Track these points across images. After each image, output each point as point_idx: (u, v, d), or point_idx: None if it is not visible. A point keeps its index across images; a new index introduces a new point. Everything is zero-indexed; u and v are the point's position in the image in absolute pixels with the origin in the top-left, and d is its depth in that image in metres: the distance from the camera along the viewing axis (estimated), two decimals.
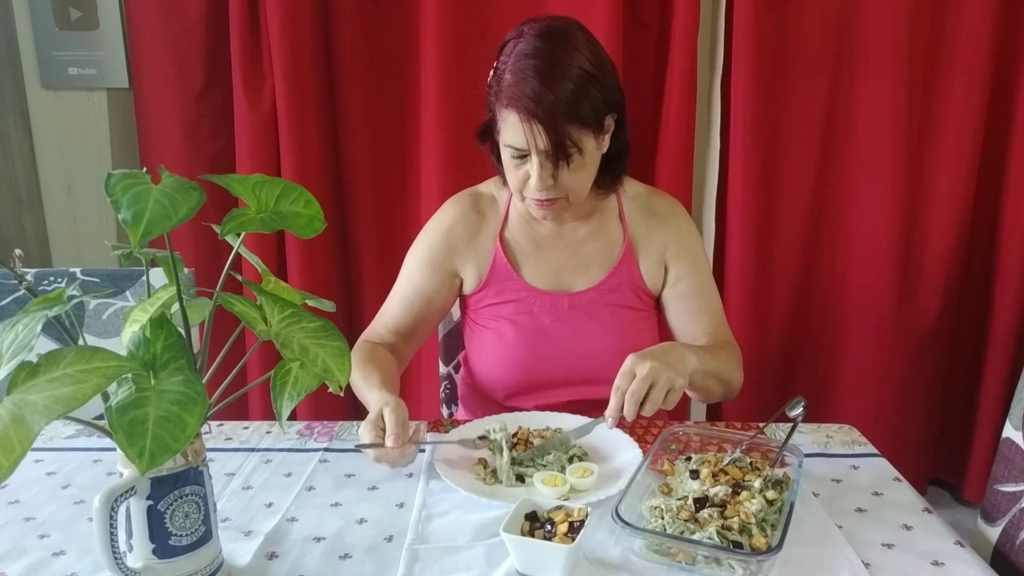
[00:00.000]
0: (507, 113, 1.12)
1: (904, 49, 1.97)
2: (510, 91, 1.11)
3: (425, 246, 1.32)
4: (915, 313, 2.15)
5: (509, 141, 1.14)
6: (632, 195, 1.34)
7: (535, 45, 1.11)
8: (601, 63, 1.14)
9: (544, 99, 1.08)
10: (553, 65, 1.09)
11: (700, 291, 1.33)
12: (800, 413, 1.00)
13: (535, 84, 1.08)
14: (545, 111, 1.08)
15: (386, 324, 1.31)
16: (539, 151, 1.12)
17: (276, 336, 0.73)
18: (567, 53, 1.11)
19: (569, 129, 1.10)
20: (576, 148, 1.12)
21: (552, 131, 1.09)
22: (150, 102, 2.10)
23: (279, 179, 0.74)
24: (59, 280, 1.39)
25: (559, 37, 1.12)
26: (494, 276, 1.30)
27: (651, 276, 1.32)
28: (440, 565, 0.84)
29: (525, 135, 1.10)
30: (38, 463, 1.09)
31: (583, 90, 1.10)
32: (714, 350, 1.24)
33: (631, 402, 1.02)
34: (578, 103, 1.09)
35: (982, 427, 2.22)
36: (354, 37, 2.04)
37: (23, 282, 0.74)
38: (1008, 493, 1.02)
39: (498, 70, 1.15)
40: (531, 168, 1.14)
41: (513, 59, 1.12)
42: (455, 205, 1.34)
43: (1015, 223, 2.09)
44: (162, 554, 0.75)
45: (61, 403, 0.59)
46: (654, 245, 1.32)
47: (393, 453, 0.98)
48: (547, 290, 1.30)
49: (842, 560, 0.85)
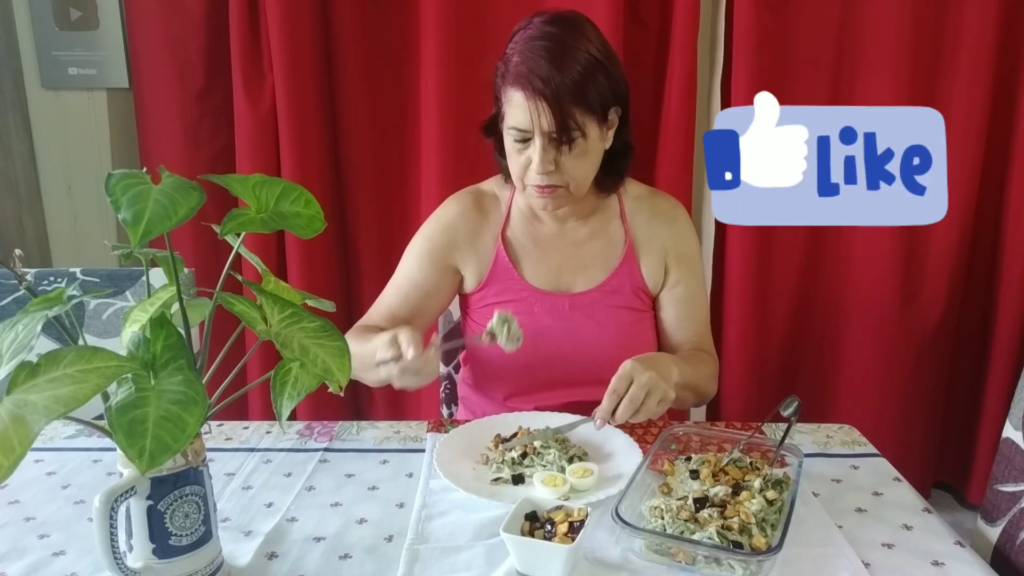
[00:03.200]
0: (513, 92, 1.13)
1: (905, 49, 1.97)
2: (517, 70, 1.12)
3: (425, 240, 1.32)
4: (917, 314, 2.15)
5: (513, 122, 1.15)
6: (634, 196, 1.34)
7: (545, 30, 1.13)
8: (609, 53, 1.15)
9: (552, 78, 1.09)
10: (562, 47, 1.11)
11: (693, 297, 1.35)
12: (794, 412, 1.00)
13: (543, 63, 1.10)
14: (551, 90, 1.09)
15: (381, 314, 1.31)
16: (543, 132, 1.12)
17: (276, 336, 0.73)
18: (576, 38, 1.12)
19: (574, 110, 1.11)
20: (580, 131, 1.12)
21: (557, 110, 1.10)
22: (150, 102, 2.10)
23: (279, 179, 0.74)
24: (59, 280, 1.39)
25: (569, 24, 1.14)
26: (495, 275, 1.30)
27: (652, 277, 1.32)
28: (440, 565, 0.84)
29: (530, 114, 1.11)
30: (38, 463, 1.09)
31: (590, 74, 1.11)
32: (695, 363, 1.27)
33: (628, 407, 1.03)
34: (585, 86, 1.10)
35: (985, 429, 2.21)
36: (354, 37, 2.04)
37: (23, 282, 0.74)
38: (1008, 493, 1.02)
39: (507, 54, 1.16)
40: (533, 151, 1.15)
41: (522, 42, 1.14)
42: (457, 201, 1.33)
43: (1017, 223, 2.08)
44: (162, 554, 0.75)
45: (61, 403, 0.59)
46: (656, 245, 1.32)
47: (417, 362, 1.00)
48: (548, 290, 1.29)
49: (842, 560, 0.85)
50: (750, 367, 2.16)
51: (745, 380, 2.17)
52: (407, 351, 1.01)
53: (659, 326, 1.36)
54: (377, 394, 2.27)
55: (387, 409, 2.29)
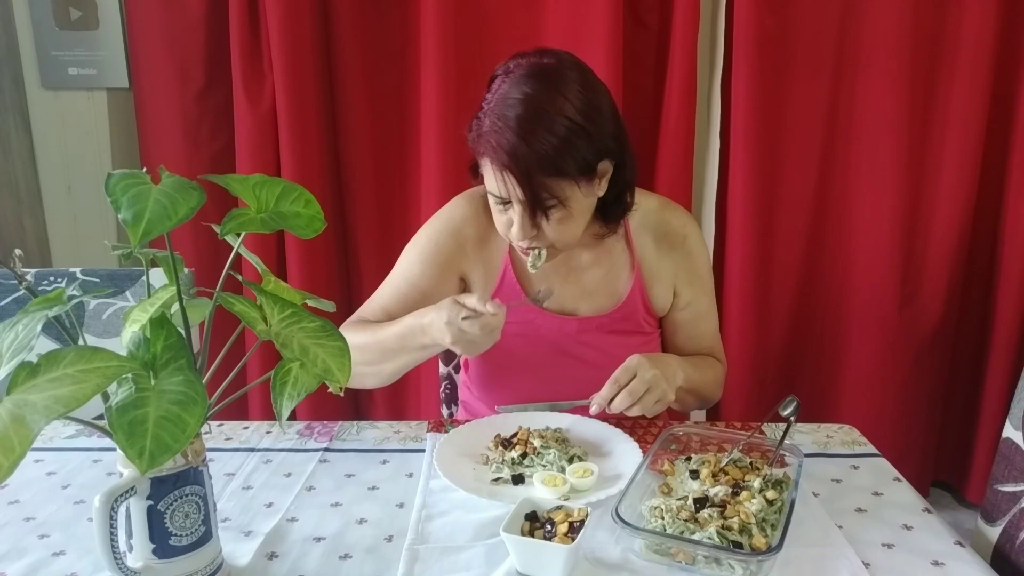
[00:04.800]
0: (484, 160, 1.08)
1: (905, 50, 1.97)
2: (485, 139, 1.05)
3: (429, 241, 1.26)
4: (917, 314, 2.15)
5: (490, 187, 1.10)
6: (641, 213, 1.26)
7: (521, 89, 1.03)
8: (592, 109, 1.05)
9: (518, 151, 1.01)
10: (535, 115, 1.02)
11: (705, 316, 1.32)
12: (792, 412, 1.00)
13: (510, 136, 1.02)
14: (518, 164, 1.02)
15: (375, 312, 1.27)
16: (520, 201, 1.06)
17: (276, 336, 0.73)
18: (552, 100, 1.02)
19: (547, 182, 1.04)
20: (556, 200, 1.06)
21: (526, 184, 1.03)
22: (150, 102, 2.10)
23: (279, 179, 0.74)
24: (59, 280, 1.39)
25: (547, 80, 1.04)
26: (502, 291, 1.25)
27: (660, 301, 1.28)
28: (440, 565, 0.84)
29: (501, 184, 1.06)
30: (38, 463, 1.09)
31: (566, 142, 1.02)
32: (703, 368, 1.26)
33: (626, 398, 1.04)
34: (559, 156, 1.02)
35: (984, 429, 2.21)
36: (354, 37, 2.04)
37: (23, 282, 0.74)
38: (1008, 493, 1.02)
39: (481, 110, 1.08)
40: (513, 215, 1.09)
41: (495, 103, 1.05)
42: (467, 203, 1.27)
43: (1016, 223, 2.08)
44: (162, 554, 0.75)
45: (61, 403, 0.59)
46: (665, 270, 1.27)
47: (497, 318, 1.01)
48: (554, 312, 1.25)
49: (842, 560, 0.84)
50: (750, 367, 2.17)
51: (745, 380, 2.17)
52: (487, 308, 1.01)
53: (668, 340, 1.34)
54: (377, 394, 2.27)
55: (387, 409, 2.29)
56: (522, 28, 1.96)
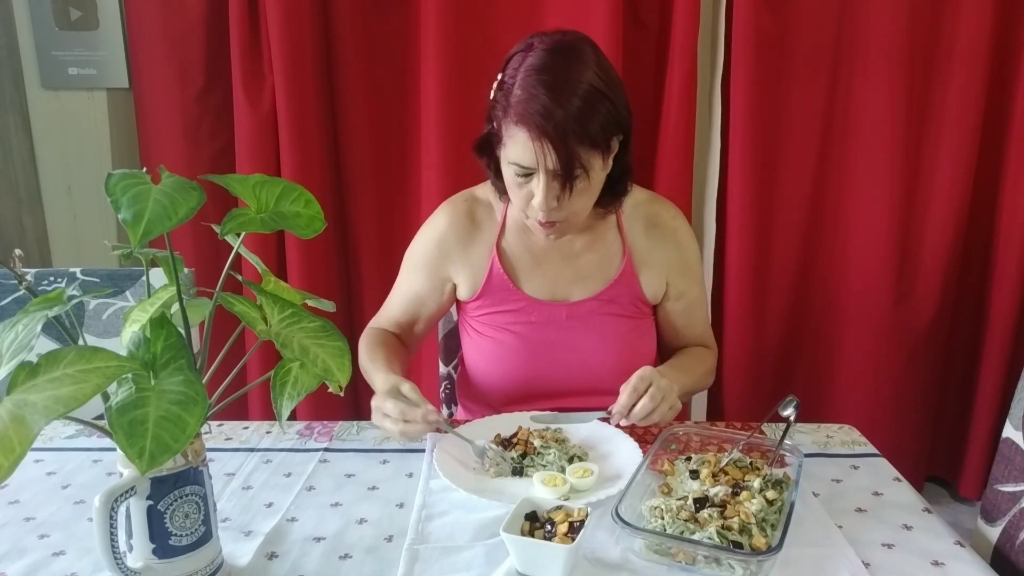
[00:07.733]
0: (516, 130, 1.08)
1: (903, 49, 1.97)
2: (520, 107, 1.06)
3: (419, 250, 1.33)
4: (911, 311, 2.16)
5: (515, 159, 1.10)
6: (632, 204, 1.30)
7: (544, 60, 1.07)
8: (611, 80, 1.10)
9: (555, 116, 1.04)
10: (563, 81, 1.06)
11: (697, 305, 1.36)
12: (792, 412, 1.00)
13: (546, 101, 1.04)
14: (556, 129, 1.04)
15: (388, 318, 1.35)
16: (548, 171, 1.08)
17: (276, 336, 0.74)
18: (577, 69, 1.07)
19: (578, 149, 1.06)
20: (583, 170, 1.09)
21: (563, 151, 1.05)
22: (150, 102, 2.10)
23: (279, 179, 0.74)
24: (59, 280, 1.39)
25: (569, 52, 1.09)
26: (491, 287, 1.29)
27: (651, 289, 1.31)
28: (440, 565, 0.84)
29: (535, 154, 1.06)
30: (38, 463, 1.09)
31: (592, 108, 1.06)
32: (693, 365, 1.30)
33: (648, 404, 1.05)
34: (588, 122, 1.06)
35: (978, 424, 2.22)
36: (354, 37, 2.04)
37: (23, 282, 0.74)
38: (1008, 493, 1.02)
39: (505, 84, 1.10)
40: (536, 188, 1.11)
41: (523, 73, 1.08)
42: (450, 210, 1.31)
43: (1012, 221, 2.09)
44: (162, 554, 0.75)
45: (61, 403, 0.59)
46: (656, 259, 1.30)
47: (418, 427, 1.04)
48: (545, 300, 1.29)
49: (842, 560, 0.85)
50: (747, 365, 2.17)
51: (742, 378, 2.17)
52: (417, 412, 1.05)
53: (661, 331, 1.37)
54: None
55: None
56: (522, 28, 1.95)
